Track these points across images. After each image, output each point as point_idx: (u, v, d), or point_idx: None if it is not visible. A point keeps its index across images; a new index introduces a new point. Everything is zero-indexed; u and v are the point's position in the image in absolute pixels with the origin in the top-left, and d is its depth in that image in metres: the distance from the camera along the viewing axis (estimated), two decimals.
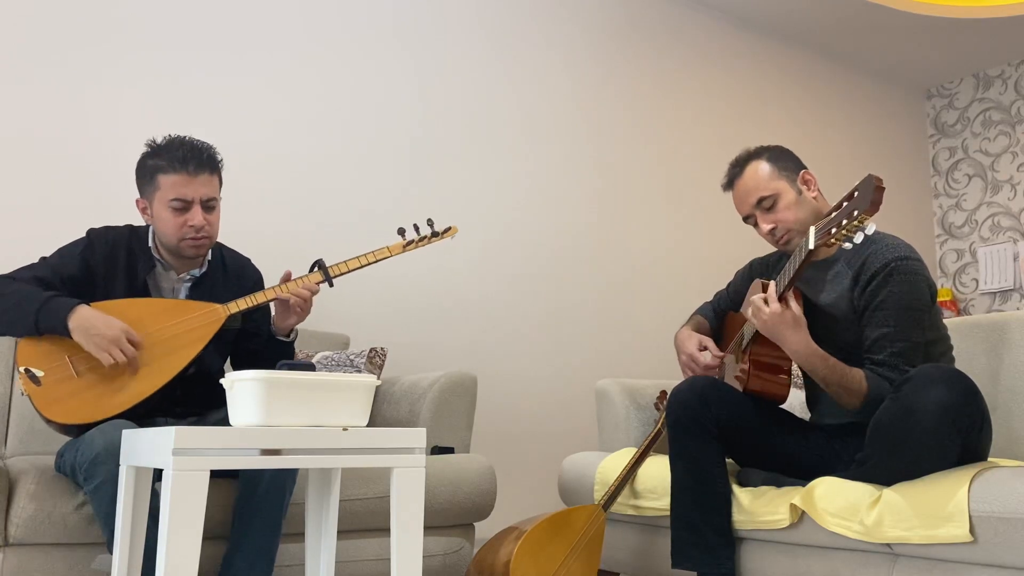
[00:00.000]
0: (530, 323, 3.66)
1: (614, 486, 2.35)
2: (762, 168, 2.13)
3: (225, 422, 1.79)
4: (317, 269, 2.14)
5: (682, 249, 4.20)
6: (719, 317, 2.44)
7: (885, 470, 1.80)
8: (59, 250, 2.08)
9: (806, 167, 2.17)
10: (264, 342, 2.19)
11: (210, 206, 2.07)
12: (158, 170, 2.04)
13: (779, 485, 2.04)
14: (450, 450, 2.46)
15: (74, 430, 1.92)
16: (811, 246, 1.86)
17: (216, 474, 1.79)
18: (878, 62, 5.14)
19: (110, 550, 1.80)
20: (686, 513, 2.06)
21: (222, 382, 1.63)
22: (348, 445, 1.61)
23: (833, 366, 1.95)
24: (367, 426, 1.66)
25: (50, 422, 1.90)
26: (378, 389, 2.68)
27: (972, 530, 1.63)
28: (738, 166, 2.18)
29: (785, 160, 2.15)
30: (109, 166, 2.84)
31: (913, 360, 1.94)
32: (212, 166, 2.08)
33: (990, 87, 5.28)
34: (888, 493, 1.77)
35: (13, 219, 2.68)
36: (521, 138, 3.76)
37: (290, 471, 1.96)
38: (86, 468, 1.79)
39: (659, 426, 2.40)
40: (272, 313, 2.21)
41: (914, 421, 1.73)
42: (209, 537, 1.94)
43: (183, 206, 2.03)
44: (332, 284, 2.15)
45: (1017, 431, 2.18)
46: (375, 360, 2.68)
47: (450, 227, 2.27)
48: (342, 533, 2.19)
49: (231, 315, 2.06)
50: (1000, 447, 2.17)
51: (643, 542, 2.38)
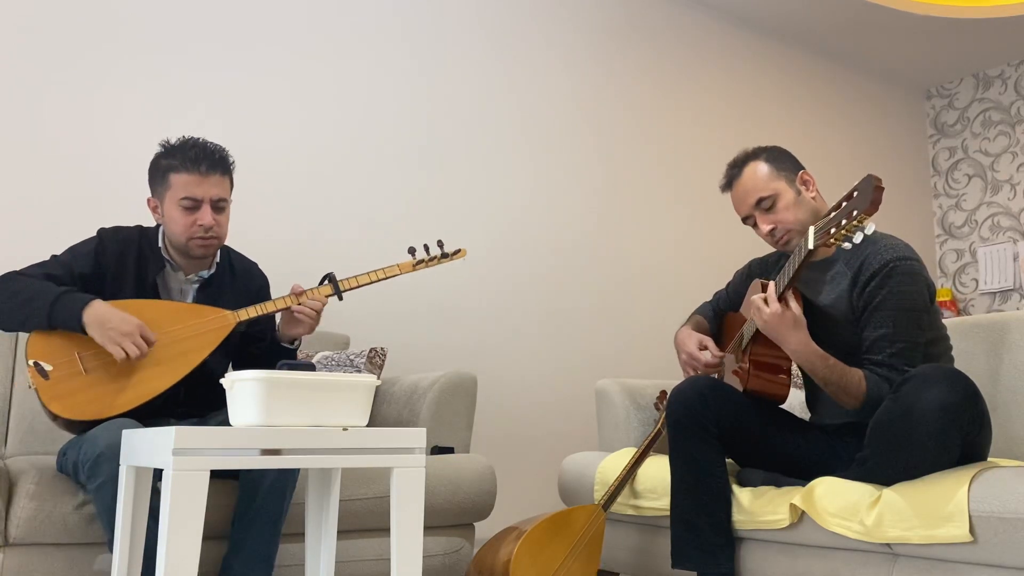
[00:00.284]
0: (530, 323, 3.66)
1: (614, 486, 2.35)
2: (761, 169, 2.13)
3: (226, 423, 1.79)
4: (328, 282, 2.17)
5: (682, 249, 4.20)
6: (719, 317, 2.44)
7: (885, 470, 1.80)
8: (70, 248, 2.10)
9: (804, 167, 2.17)
10: (267, 348, 2.21)
11: (220, 207, 2.10)
12: (170, 169, 2.07)
13: (779, 485, 2.04)
14: (450, 450, 2.46)
15: (78, 427, 1.92)
16: (810, 246, 1.86)
17: (216, 474, 1.79)
18: (878, 62, 5.14)
19: (111, 550, 1.80)
20: (686, 513, 2.06)
21: (222, 382, 1.63)
22: (348, 445, 1.61)
23: (832, 366, 1.95)
24: (367, 426, 1.66)
25: (56, 417, 1.90)
26: (378, 389, 2.68)
27: (972, 530, 1.63)
28: (736, 167, 2.18)
29: (783, 160, 2.15)
30: (118, 166, 2.84)
31: (912, 360, 1.94)
32: (224, 167, 2.10)
33: (990, 87, 5.28)
34: (888, 493, 1.77)
35: (21, 218, 2.68)
36: (521, 138, 3.76)
37: (291, 473, 1.96)
38: (89, 466, 1.79)
39: (659, 426, 2.40)
40: (278, 321, 2.24)
41: (914, 421, 1.73)
42: (209, 537, 1.94)
43: (193, 205, 2.05)
44: (341, 298, 2.18)
45: (1017, 431, 2.18)
46: (375, 360, 2.68)
47: (459, 249, 2.30)
48: (342, 533, 2.19)
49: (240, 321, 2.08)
50: (1000, 447, 2.17)
51: (643, 542, 2.38)
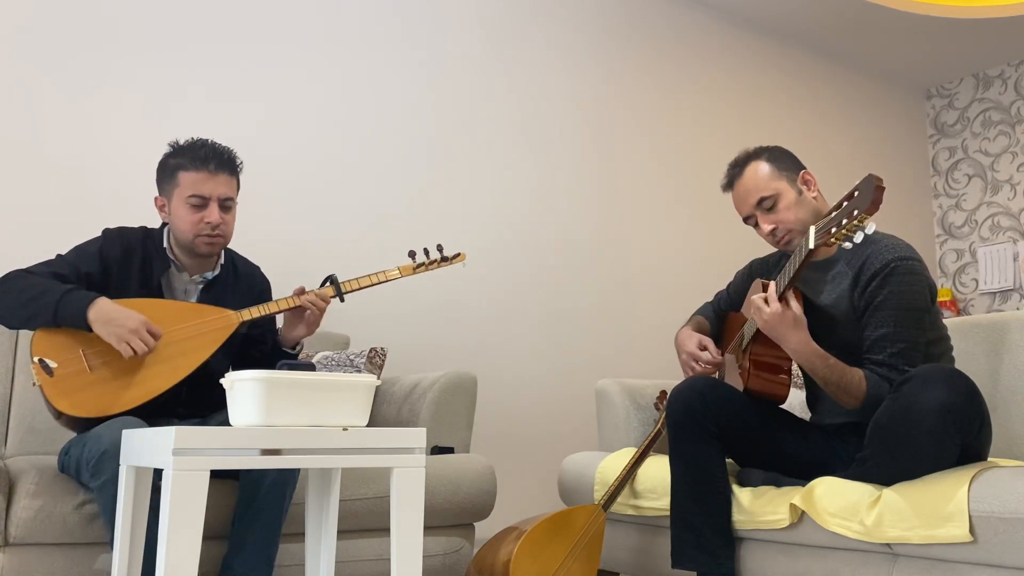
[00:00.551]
0: (530, 323, 3.66)
1: (614, 486, 2.35)
2: (762, 168, 2.13)
3: (226, 423, 1.79)
4: (329, 284, 2.21)
5: (682, 249, 4.20)
6: (719, 317, 2.44)
7: (885, 470, 1.80)
8: (75, 247, 2.12)
9: (805, 167, 2.17)
10: (268, 351, 2.23)
11: (227, 206, 2.13)
12: (180, 168, 2.10)
13: (779, 485, 2.05)
14: (450, 450, 2.46)
15: (82, 425, 1.93)
16: (811, 245, 1.86)
17: (216, 474, 1.80)
18: (878, 62, 5.14)
19: (113, 549, 1.80)
20: (686, 513, 2.06)
21: (222, 382, 1.63)
22: (348, 445, 1.61)
23: (833, 366, 1.95)
24: (367, 426, 1.66)
25: (60, 415, 1.91)
26: (378, 389, 2.68)
27: (972, 530, 1.63)
28: (737, 167, 2.18)
29: (784, 160, 2.15)
30: (118, 166, 2.84)
31: (913, 360, 1.94)
32: (232, 168, 2.14)
33: (990, 87, 5.28)
34: (888, 493, 1.77)
35: (21, 217, 2.68)
36: (522, 139, 3.76)
37: (291, 473, 1.96)
38: (93, 464, 1.80)
39: (659, 426, 2.40)
40: (280, 325, 2.26)
41: (914, 421, 1.73)
42: (209, 537, 1.94)
43: (201, 203, 2.09)
44: (343, 300, 2.21)
45: (1017, 431, 2.18)
46: (375, 360, 2.68)
47: (459, 253, 2.36)
48: (342, 533, 2.19)
49: (243, 322, 2.10)
50: (1000, 447, 2.17)
51: (643, 542, 2.38)
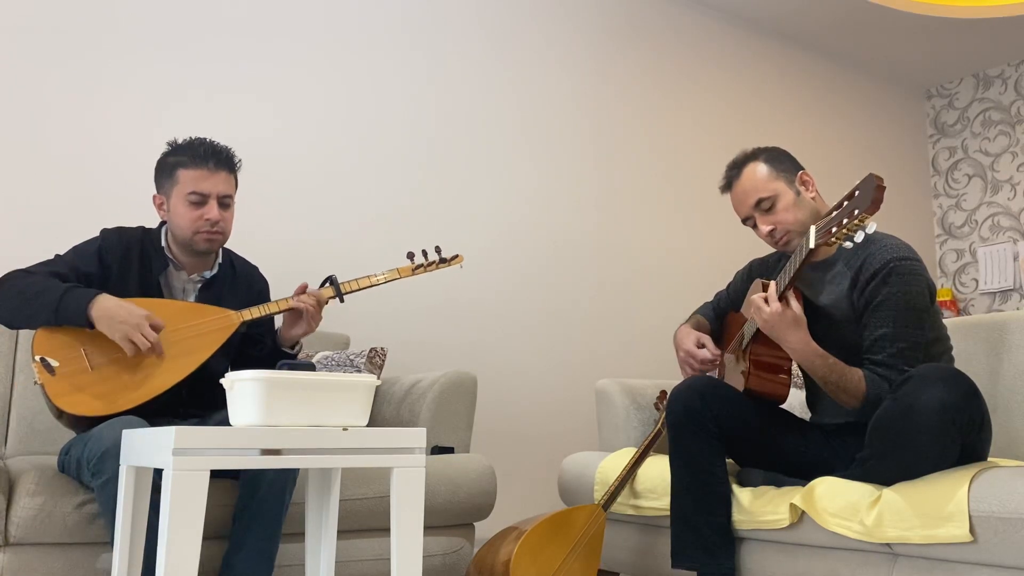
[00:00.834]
0: (530, 323, 3.66)
1: (614, 486, 2.35)
2: (760, 170, 2.13)
3: (227, 423, 1.79)
4: (329, 284, 2.22)
5: (682, 249, 4.20)
6: (719, 317, 2.44)
7: (885, 470, 1.80)
8: (74, 247, 2.12)
9: (803, 168, 2.17)
10: (268, 352, 2.23)
11: (226, 203, 2.14)
12: (179, 165, 2.11)
13: (779, 485, 2.05)
14: (450, 450, 2.46)
15: (82, 425, 1.93)
16: (812, 245, 1.86)
17: (216, 474, 1.80)
18: (878, 62, 5.14)
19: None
20: (686, 513, 2.06)
21: (222, 382, 1.63)
22: (348, 445, 1.61)
23: (832, 365, 1.95)
24: (367, 426, 1.66)
25: (61, 414, 1.91)
26: (378, 389, 2.68)
27: (972, 530, 1.63)
28: (735, 168, 2.18)
29: (782, 161, 2.15)
30: (117, 165, 2.84)
31: (912, 360, 1.94)
32: (230, 166, 2.16)
33: (990, 87, 5.28)
34: (888, 493, 1.77)
35: (21, 217, 2.68)
36: (521, 138, 3.76)
37: (291, 472, 1.96)
38: (94, 464, 1.80)
39: (659, 426, 2.40)
40: (278, 325, 2.27)
41: (914, 421, 1.73)
42: (209, 537, 1.94)
43: (200, 200, 2.10)
44: (343, 300, 2.23)
45: (1017, 431, 2.18)
46: (375, 360, 2.68)
47: (457, 255, 2.38)
48: (342, 533, 2.19)
49: (243, 322, 2.11)
50: (1000, 447, 2.17)
51: (643, 542, 2.38)
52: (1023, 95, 5.15)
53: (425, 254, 2.33)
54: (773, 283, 2.00)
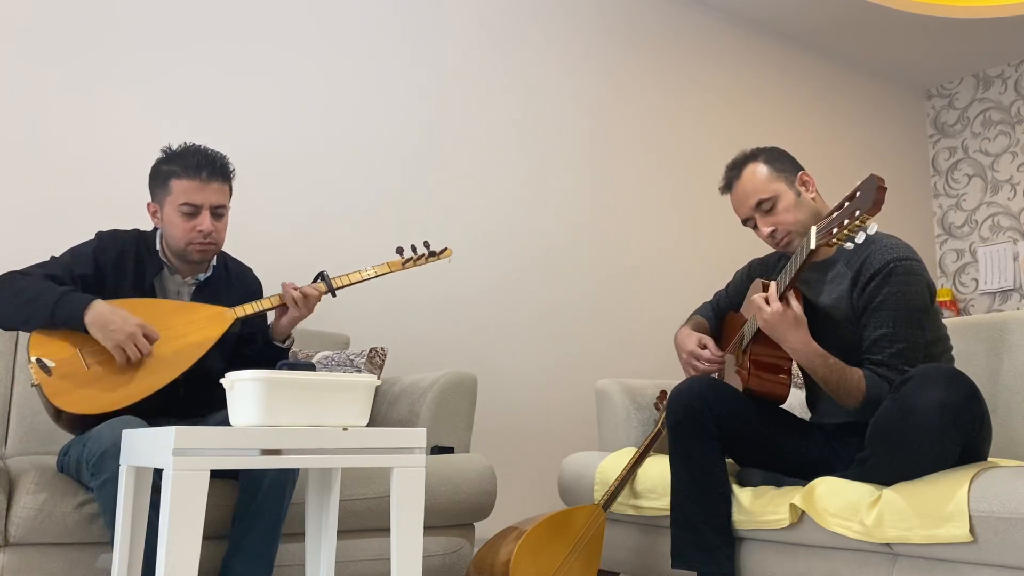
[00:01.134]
0: (530, 323, 3.66)
1: (614, 486, 2.35)
2: (760, 170, 2.12)
3: (226, 423, 1.79)
4: (320, 280, 2.24)
5: (682, 249, 4.20)
6: (719, 317, 2.44)
7: (885, 470, 1.80)
8: (70, 249, 2.13)
9: (803, 168, 2.17)
10: (260, 348, 2.24)
11: (219, 213, 2.13)
12: (172, 175, 2.10)
13: (779, 485, 2.05)
14: (450, 450, 2.46)
15: (80, 425, 1.93)
16: (813, 245, 1.86)
17: (216, 474, 1.80)
18: (878, 62, 5.14)
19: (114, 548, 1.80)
20: (686, 513, 2.06)
21: (222, 382, 1.63)
22: (348, 445, 1.61)
23: (832, 365, 1.95)
24: (367, 426, 1.66)
25: (59, 414, 1.91)
26: (378, 389, 2.68)
27: (972, 530, 1.63)
28: (735, 169, 2.17)
29: (782, 161, 2.14)
30: (115, 166, 2.84)
31: (913, 360, 1.94)
32: (224, 175, 2.14)
33: (990, 87, 5.28)
34: (888, 493, 1.77)
35: (22, 219, 2.68)
36: (521, 138, 3.76)
37: (291, 473, 1.96)
38: (94, 463, 1.80)
39: (659, 426, 2.40)
40: (270, 320, 2.28)
41: (914, 421, 1.73)
42: (209, 537, 1.94)
43: (193, 211, 2.09)
44: (335, 295, 2.26)
45: (1017, 431, 2.18)
46: (375, 360, 2.68)
47: (445, 248, 2.42)
48: (342, 533, 2.19)
49: (237, 318, 2.12)
50: (1000, 447, 2.17)
51: (643, 542, 2.38)
52: (1023, 95, 5.15)
53: (414, 248, 2.35)
54: (774, 283, 2.00)
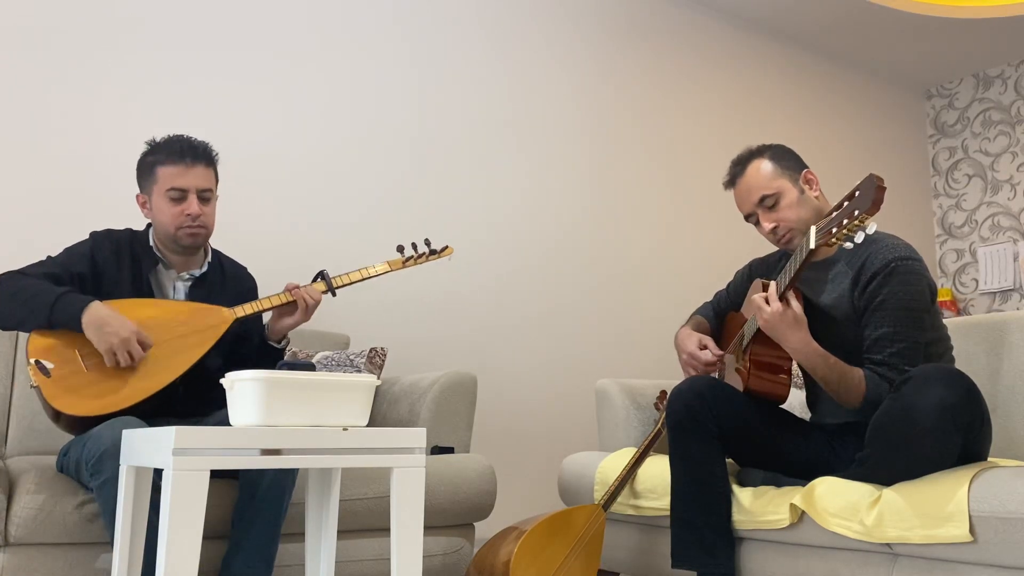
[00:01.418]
0: (530, 323, 3.66)
1: (614, 486, 2.35)
2: (764, 167, 2.13)
3: (226, 422, 1.79)
4: (320, 280, 2.25)
5: (682, 249, 4.20)
6: (719, 317, 2.44)
7: (885, 470, 1.80)
8: (65, 249, 2.14)
9: (808, 166, 2.17)
10: (255, 348, 2.25)
11: (206, 197, 2.16)
12: (157, 163, 2.14)
13: (779, 485, 2.05)
14: (450, 450, 2.46)
15: (80, 426, 1.93)
16: (812, 245, 1.86)
17: (216, 474, 1.80)
18: (878, 62, 5.14)
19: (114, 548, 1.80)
20: (686, 513, 2.06)
21: (222, 382, 1.63)
22: (348, 445, 1.61)
23: (833, 365, 1.95)
24: (367, 426, 1.66)
25: (59, 415, 1.91)
26: (378, 389, 2.68)
27: (972, 530, 1.63)
28: (740, 164, 2.18)
29: (787, 159, 2.15)
30: (115, 169, 2.84)
31: (913, 360, 1.94)
32: (208, 159, 2.17)
33: (990, 87, 5.28)
34: (888, 493, 1.77)
35: (18, 220, 2.68)
36: (521, 137, 3.76)
37: (290, 472, 1.96)
38: (93, 463, 1.80)
39: (659, 426, 2.40)
40: (265, 321, 2.29)
41: (914, 421, 1.73)
42: (209, 537, 1.94)
43: (180, 195, 2.12)
44: (335, 294, 2.27)
45: (1017, 431, 2.18)
46: (375, 360, 2.68)
47: (446, 246, 2.42)
48: (342, 533, 2.19)
49: (236, 319, 2.13)
50: (1000, 447, 2.17)
51: (643, 542, 2.38)
52: (1023, 95, 5.15)
53: (415, 247, 2.36)
54: (773, 283, 2.00)
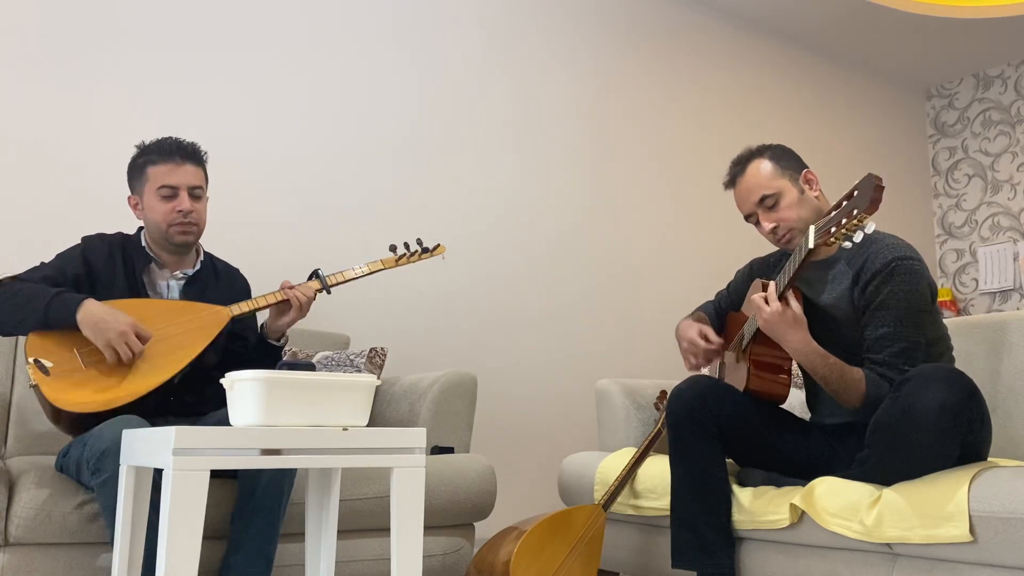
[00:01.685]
0: (530, 323, 3.66)
1: (614, 486, 2.35)
2: (764, 167, 2.13)
3: (225, 421, 1.79)
4: (315, 278, 2.27)
5: (682, 249, 4.20)
6: (720, 316, 2.44)
7: (885, 470, 1.80)
8: (58, 255, 2.17)
9: (808, 166, 2.17)
10: (253, 347, 2.27)
11: (196, 194, 2.19)
12: (148, 163, 2.18)
13: (779, 485, 2.05)
14: (450, 450, 2.46)
15: (79, 426, 1.94)
16: (811, 245, 1.87)
17: (214, 474, 1.79)
18: (878, 62, 5.14)
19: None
20: (686, 513, 2.06)
21: (222, 382, 1.63)
22: (348, 445, 1.61)
23: (833, 365, 1.95)
24: (367, 426, 1.66)
25: (59, 414, 1.92)
26: (378, 389, 2.68)
27: (972, 530, 1.63)
28: (740, 164, 2.18)
29: (787, 159, 2.15)
30: (114, 170, 2.84)
31: (913, 360, 1.94)
32: (197, 159, 2.22)
33: (990, 87, 5.28)
34: (888, 493, 1.77)
35: (17, 221, 2.68)
36: (521, 137, 3.76)
37: (288, 472, 1.97)
38: (95, 462, 1.80)
39: (659, 426, 2.40)
40: (265, 318, 2.30)
41: (914, 421, 1.73)
42: (208, 537, 1.94)
43: (172, 192, 2.16)
44: (329, 292, 2.30)
45: (1017, 431, 2.18)
46: (375, 360, 2.68)
47: (438, 245, 2.46)
48: (342, 533, 2.19)
49: (232, 317, 2.15)
50: (1000, 447, 2.17)
51: (643, 542, 2.38)
52: (1023, 95, 5.14)
53: (407, 246, 2.39)
54: (773, 283, 2.00)
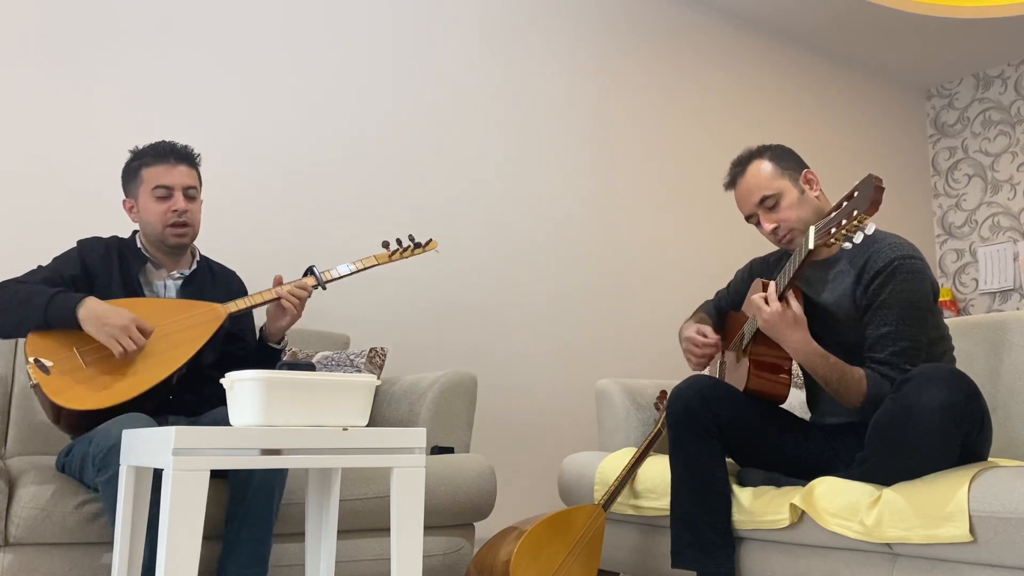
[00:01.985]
0: (530, 323, 3.66)
1: (614, 486, 2.35)
2: (764, 167, 2.13)
3: (225, 420, 1.79)
4: (309, 274, 2.28)
5: (682, 249, 4.20)
6: (720, 316, 2.44)
7: (885, 470, 1.80)
8: (55, 258, 2.19)
9: (808, 166, 2.17)
10: (252, 350, 2.28)
11: (191, 195, 2.22)
12: (142, 166, 2.21)
13: (779, 485, 2.05)
14: (450, 450, 2.46)
15: (80, 426, 1.95)
16: (811, 246, 1.87)
17: (212, 474, 1.79)
18: (878, 62, 5.14)
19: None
20: (686, 513, 2.06)
21: (222, 382, 1.63)
22: (348, 445, 1.61)
23: (833, 365, 1.95)
24: (367, 426, 1.66)
25: (59, 413, 1.92)
26: (378, 389, 2.68)
27: (972, 530, 1.63)
28: (740, 165, 2.18)
29: (787, 159, 2.15)
30: (113, 171, 2.84)
31: (915, 360, 1.94)
32: (190, 160, 2.25)
33: (990, 87, 5.28)
34: (888, 493, 1.77)
35: (16, 221, 2.68)
36: (521, 137, 3.76)
37: (279, 472, 1.97)
38: (100, 459, 1.81)
39: (659, 426, 2.40)
40: (265, 319, 2.30)
41: (914, 421, 1.73)
42: (207, 537, 1.94)
43: (166, 193, 2.18)
44: (325, 288, 2.31)
45: (1017, 431, 2.18)
46: (375, 360, 2.68)
47: (430, 240, 2.47)
48: (342, 533, 2.19)
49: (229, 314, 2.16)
50: (1000, 447, 2.17)
51: (643, 542, 2.38)
52: (1023, 95, 5.15)
53: (399, 241, 2.41)
54: (773, 283, 2.00)
